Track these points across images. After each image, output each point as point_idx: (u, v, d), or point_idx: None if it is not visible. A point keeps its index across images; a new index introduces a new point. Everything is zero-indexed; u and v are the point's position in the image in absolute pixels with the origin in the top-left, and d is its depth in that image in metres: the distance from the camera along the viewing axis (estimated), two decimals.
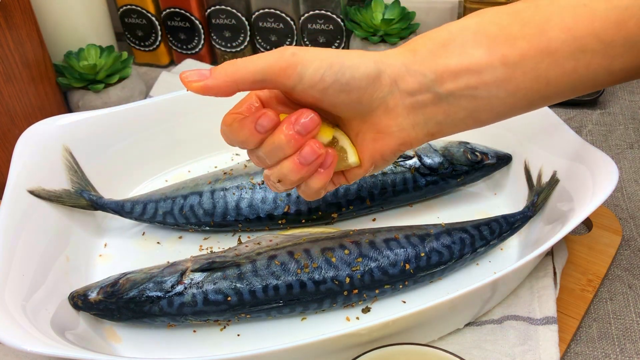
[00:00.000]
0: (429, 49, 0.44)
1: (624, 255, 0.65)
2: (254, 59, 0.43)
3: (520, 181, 0.66)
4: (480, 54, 0.44)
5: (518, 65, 0.44)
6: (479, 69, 0.44)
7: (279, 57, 0.42)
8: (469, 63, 0.44)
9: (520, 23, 0.43)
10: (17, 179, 0.61)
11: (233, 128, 0.46)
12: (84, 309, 0.57)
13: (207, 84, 0.42)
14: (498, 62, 0.44)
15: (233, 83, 0.43)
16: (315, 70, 0.43)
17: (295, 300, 0.56)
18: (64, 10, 0.88)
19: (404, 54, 0.45)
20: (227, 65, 0.43)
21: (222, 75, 0.42)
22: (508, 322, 0.56)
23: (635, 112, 0.84)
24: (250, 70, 0.42)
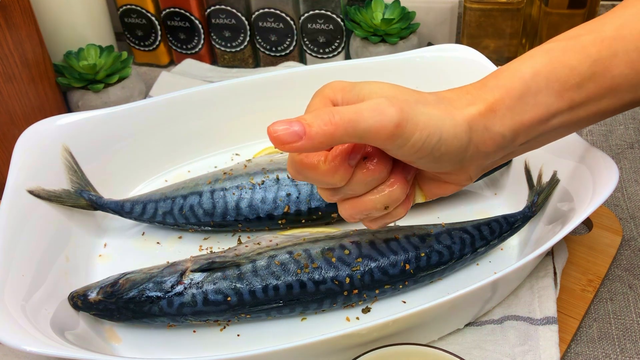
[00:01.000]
0: (507, 106, 0.44)
1: (624, 255, 0.65)
2: (353, 119, 0.40)
3: (520, 181, 0.66)
4: (551, 101, 0.44)
5: (582, 105, 0.45)
6: (549, 117, 0.45)
7: (382, 125, 0.40)
8: (541, 114, 0.45)
9: (588, 62, 0.44)
10: (17, 179, 0.61)
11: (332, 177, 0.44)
12: (84, 309, 0.57)
13: (302, 145, 0.39)
14: (566, 107, 0.45)
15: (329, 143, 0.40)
16: (415, 141, 0.42)
17: (295, 300, 0.56)
18: (63, 10, 0.88)
19: (487, 114, 0.44)
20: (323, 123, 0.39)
21: (319, 136, 0.39)
22: (508, 322, 0.56)
23: (635, 112, 0.84)
24: (350, 133, 0.40)
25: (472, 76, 0.66)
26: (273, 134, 0.39)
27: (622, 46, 0.44)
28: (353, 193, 0.46)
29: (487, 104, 0.44)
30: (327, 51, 0.94)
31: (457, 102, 0.44)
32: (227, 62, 0.99)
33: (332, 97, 0.44)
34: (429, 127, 0.42)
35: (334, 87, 0.45)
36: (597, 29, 0.45)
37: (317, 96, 0.45)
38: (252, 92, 0.75)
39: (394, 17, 0.88)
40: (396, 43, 0.89)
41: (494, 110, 0.44)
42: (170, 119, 0.73)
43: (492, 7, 0.85)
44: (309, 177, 0.44)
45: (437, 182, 0.49)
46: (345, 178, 0.44)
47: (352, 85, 0.44)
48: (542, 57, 0.45)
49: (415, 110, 0.42)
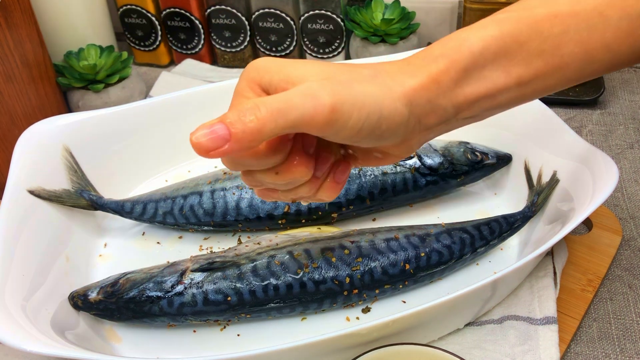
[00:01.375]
0: (451, 78, 0.42)
1: (624, 255, 0.65)
2: (283, 108, 0.36)
3: (520, 181, 0.66)
4: (497, 76, 0.43)
5: (530, 83, 0.44)
6: (495, 92, 0.43)
7: (315, 112, 0.37)
8: (486, 89, 0.43)
9: (539, 38, 0.43)
10: (17, 179, 0.61)
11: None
12: (84, 309, 0.57)
13: (230, 149, 0.36)
14: (513, 84, 0.43)
15: (261, 140, 0.37)
16: (353, 124, 0.39)
17: (295, 300, 0.56)
18: (64, 10, 0.88)
19: (429, 87, 0.41)
20: (248, 120, 0.36)
21: (246, 135, 0.36)
22: (508, 322, 0.56)
23: (635, 112, 0.84)
24: (280, 125, 0.36)
25: None
26: (194, 142, 0.36)
27: (575, 24, 0.43)
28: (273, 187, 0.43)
29: (430, 75, 0.41)
30: (327, 51, 0.94)
31: (396, 75, 0.41)
32: (227, 62, 0.99)
33: (258, 81, 0.40)
34: (367, 106, 0.39)
35: (259, 68, 0.40)
36: (552, 1, 0.44)
37: (242, 82, 0.41)
38: None
39: (394, 17, 0.88)
40: (396, 43, 0.89)
41: (437, 81, 0.42)
42: (170, 119, 0.73)
43: (492, 7, 0.85)
44: (248, 163, 0.40)
45: (374, 154, 0.46)
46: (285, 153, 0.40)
47: (280, 66, 0.40)
48: (493, 29, 0.43)
49: (350, 90, 0.39)
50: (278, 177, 0.41)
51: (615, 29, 0.43)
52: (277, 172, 0.41)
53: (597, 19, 0.43)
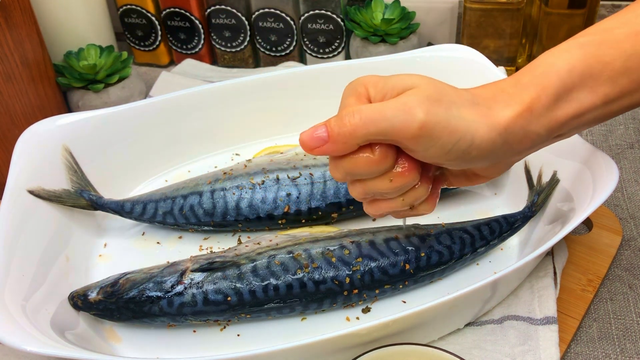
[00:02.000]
0: (543, 104, 0.43)
1: (624, 255, 0.64)
2: (376, 117, 0.40)
3: (520, 181, 0.66)
4: (584, 96, 0.44)
5: (617, 101, 0.45)
6: (584, 112, 0.45)
7: (406, 125, 0.40)
8: (575, 110, 0.44)
9: (623, 57, 0.44)
10: (17, 179, 0.61)
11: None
12: (84, 309, 0.57)
13: (327, 148, 0.42)
14: (600, 102, 0.45)
15: (355, 142, 0.41)
16: (442, 145, 0.41)
17: (295, 300, 0.56)
18: (64, 10, 0.88)
19: (524, 115, 0.43)
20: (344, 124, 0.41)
21: (340, 137, 0.41)
22: (508, 322, 0.56)
23: (635, 112, 0.84)
24: (372, 132, 0.41)
25: (472, 76, 0.66)
26: (300, 140, 0.42)
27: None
28: (383, 197, 0.46)
29: (524, 104, 0.43)
30: (327, 51, 0.94)
31: (493, 103, 0.43)
32: (227, 62, 0.99)
33: (364, 93, 0.44)
34: (459, 131, 0.41)
35: (365, 82, 0.44)
36: (630, 21, 0.45)
37: (350, 92, 0.44)
38: (252, 92, 0.75)
39: (394, 17, 0.88)
40: (396, 43, 0.89)
41: (531, 109, 0.43)
42: (170, 119, 0.73)
43: (492, 7, 0.85)
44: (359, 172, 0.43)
45: (465, 175, 0.49)
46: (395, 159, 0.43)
47: (385, 80, 0.44)
48: (577, 52, 0.44)
49: (446, 113, 0.41)
50: (392, 184, 0.44)
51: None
52: (391, 179, 0.44)
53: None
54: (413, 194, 0.46)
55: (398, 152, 0.44)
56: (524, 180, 0.66)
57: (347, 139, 0.41)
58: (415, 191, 0.46)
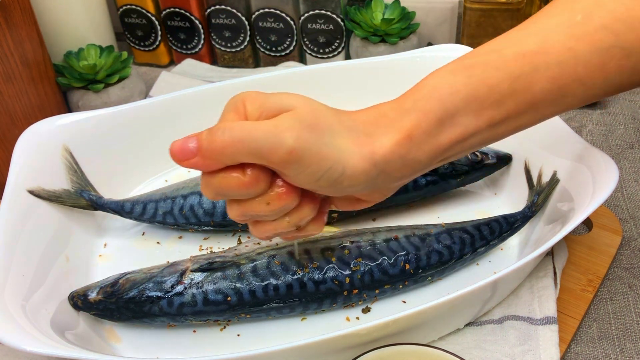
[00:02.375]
0: (424, 131, 0.42)
1: (624, 255, 0.65)
2: (245, 137, 0.38)
3: (520, 181, 0.66)
4: (469, 120, 0.42)
5: (502, 123, 0.43)
6: (468, 136, 0.43)
7: (274, 148, 0.38)
8: (459, 135, 0.43)
9: (509, 79, 0.42)
10: (17, 179, 0.61)
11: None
12: (84, 309, 0.57)
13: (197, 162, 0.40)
14: (485, 125, 0.43)
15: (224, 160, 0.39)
16: (312, 172, 0.40)
17: (295, 300, 0.56)
18: (64, 10, 0.88)
19: (401, 143, 0.41)
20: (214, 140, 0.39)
21: (209, 153, 0.39)
22: (508, 322, 0.56)
23: (635, 112, 0.84)
24: (240, 152, 0.39)
25: None
26: (170, 149, 0.40)
27: (544, 61, 0.42)
28: (266, 219, 0.44)
29: (403, 131, 0.42)
30: (327, 51, 0.94)
31: (373, 129, 0.42)
32: (227, 62, 0.99)
33: (242, 109, 0.42)
34: (330, 160, 0.40)
35: (244, 98, 0.42)
36: (520, 41, 0.43)
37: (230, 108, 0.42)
38: None
39: (394, 17, 0.88)
40: (396, 43, 0.89)
41: (411, 137, 0.42)
42: (170, 119, 0.73)
43: (492, 7, 0.85)
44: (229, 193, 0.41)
45: (348, 200, 0.47)
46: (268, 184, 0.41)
47: (267, 97, 0.41)
48: (462, 75, 0.42)
49: (318, 140, 0.39)
50: (269, 207, 0.42)
51: (586, 63, 0.42)
52: (268, 203, 0.42)
53: (567, 55, 0.42)
54: (298, 214, 0.44)
55: (275, 174, 0.42)
56: (524, 180, 0.66)
57: (215, 156, 0.39)
58: (300, 212, 0.44)
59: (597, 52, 0.42)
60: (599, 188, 0.54)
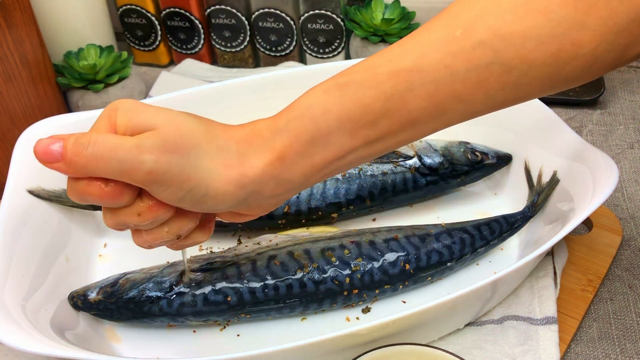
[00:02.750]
0: (296, 152, 0.41)
1: (624, 255, 0.64)
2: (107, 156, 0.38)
3: (520, 181, 0.66)
4: (344, 141, 0.42)
5: (379, 141, 0.43)
6: (343, 154, 0.43)
7: (134, 169, 0.38)
8: (334, 154, 0.42)
9: (383, 98, 0.41)
10: (17, 179, 0.61)
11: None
12: (84, 309, 0.57)
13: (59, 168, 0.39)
14: (360, 143, 0.42)
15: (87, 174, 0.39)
16: (173, 192, 0.40)
17: (295, 300, 0.56)
18: (64, 10, 0.88)
19: (273, 164, 0.41)
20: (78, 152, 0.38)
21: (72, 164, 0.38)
22: (508, 322, 0.56)
23: (635, 112, 0.84)
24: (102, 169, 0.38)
25: None
26: (34, 149, 0.39)
27: (419, 79, 0.41)
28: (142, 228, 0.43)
29: (275, 152, 0.41)
30: (327, 51, 0.94)
31: (246, 148, 0.42)
32: (227, 62, 0.99)
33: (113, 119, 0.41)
34: (192, 181, 0.40)
35: (118, 107, 0.41)
36: (396, 58, 0.42)
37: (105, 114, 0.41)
38: (252, 92, 0.75)
39: (394, 17, 0.88)
40: None
41: (282, 158, 0.41)
42: None
43: None
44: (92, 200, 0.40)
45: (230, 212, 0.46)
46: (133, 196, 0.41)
47: (138, 112, 0.41)
48: (335, 94, 0.42)
49: (181, 161, 0.39)
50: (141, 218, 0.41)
51: (463, 80, 0.41)
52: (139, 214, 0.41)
53: (444, 72, 0.41)
54: (176, 224, 0.43)
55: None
56: (524, 180, 0.66)
57: (79, 169, 0.39)
58: (179, 222, 0.43)
59: (475, 69, 0.41)
60: (599, 188, 0.54)
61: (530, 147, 0.67)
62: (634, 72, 0.92)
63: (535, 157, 0.66)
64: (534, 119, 0.66)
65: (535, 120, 0.66)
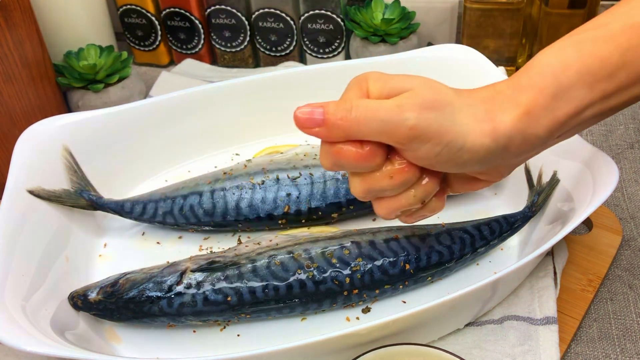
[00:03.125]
0: (541, 106, 0.43)
1: (624, 255, 0.64)
2: (369, 117, 0.41)
3: (520, 181, 0.66)
4: (583, 94, 0.44)
5: (614, 95, 0.44)
6: (582, 109, 0.44)
7: (395, 127, 0.41)
8: (575, 108, 0.44)
9: (619, 51, 0.43)
10: (17, 179, 0.61)
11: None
12: (84, 309, 0.57)
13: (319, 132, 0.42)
14: (598, 98, 0.44)
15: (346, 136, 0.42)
16: (431, 147, 0.42)
17: (295, 300, 0.56)
18: (64, 10, 0.88)
19: (521, 119, 0.43)
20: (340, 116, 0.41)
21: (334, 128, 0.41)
22: (508, 322, 0.56)
23: (635, 112, 0.84)
24: (363, 131, 0.41)
25: (472, 76, 0.66)
26: (296, 114, 0.41)
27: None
28: (389, 194, 0.45)
29: (522, 107, 0.43)
30: (327, 51, 0.94)
31: (491, 106, 0.43)
32: (227, 62, 0.99)
33: (365, 88, 0.44)
34: (450, 134, 0.41)
35: (367, 77, 0.44)
36: (626, 14, 0.44)
37: (354, 85, 0.44)
38: (252, 92, 0.75)
39: (394, 17, 0.88)
40: (396, 43, 0.89)
41: (529, 113, 0.43)
42: (170, 119, 0.73)
43: (492, 7, 0.85)
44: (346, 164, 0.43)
45: (466, 179, 0.48)
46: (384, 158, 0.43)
47: (389, 78, 0.44)
48: (572, 50, 0.44)
49: (438, 116, 0.41)
50: (392, 180, 0.44)
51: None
52: (392, 176, 0.44)
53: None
54: (423, 187, 0.45)
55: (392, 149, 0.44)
56: (524, 180, 0.66)
57: (340, 132, 0.41)
58: (426, 185, 0.45)
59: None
60: (599, 188, 0.54)
61: None
62: None
63: (535, 157, 0.65)
64: None
65: None
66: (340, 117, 0.41)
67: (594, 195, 0.54)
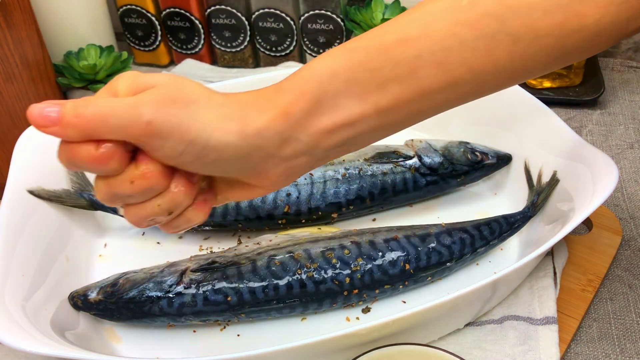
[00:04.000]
0: (301, 109, 0.41)
1: (624, 255, 0.65)
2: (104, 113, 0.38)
3: (520, 181, 0.66)
4: (352, 105, 0.42)
5: (391, 110, 0.42)
6: (353, 121, 0.42)
7: (132, 124, 0.38)
8: (343, 118, 0.42)
9: (391, 63, 0.41)
10: (17, 179, 0.61)
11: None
12: (84, 309, 0.57)
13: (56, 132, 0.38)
14: (371, 111, 0.42)
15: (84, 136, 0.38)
16: (174, 145, 0.39)
17: (295, 300, 0.56)
18: (64, 10, 0.88)
19: (277, 120, 0.41)
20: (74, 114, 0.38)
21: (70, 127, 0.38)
22: (508, 322, 0.56)
23: (635, 112, 0.84)
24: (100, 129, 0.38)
25: None
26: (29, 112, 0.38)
27: (427, 46, 0.41)
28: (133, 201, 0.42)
29: (279, 108, 0.41)
30: None
31: (250, 108, 0.41)
32: (227, 62, 0.99)
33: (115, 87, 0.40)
34: (192, 132, 0.39)
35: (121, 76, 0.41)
36: (403, 26, 0.42)
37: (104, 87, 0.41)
38: None
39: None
40: None
41: (287, 114, 0.41)
42: None
43: None
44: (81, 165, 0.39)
45: (234, 184, 0.45)
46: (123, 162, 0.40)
47: (140, 76, 0.41)
48: (343, 58, 0.42)
49: (180, 113, 0.39)
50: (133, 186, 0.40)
51: (472, 49, 0.41)
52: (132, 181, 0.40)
53: (452, 40, 0.41)
54: (170, 198, 0.41)
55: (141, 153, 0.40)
56: (524, 180, 0.66)
57: (76, 131, 0.38)
58: (173, 195, 0.41)
59: (482, 37, 0.41)
60: (599, 188, 0.54)
61: (530, 147, 0.67)
62: (634, 72, 0.92)
63: (535, 157, 0.66)
64: (534, 119, 0.66)
65: (535, 120, 0.66)
66: (75, 114, 0.38)
67: (593, 195, 0.54)
